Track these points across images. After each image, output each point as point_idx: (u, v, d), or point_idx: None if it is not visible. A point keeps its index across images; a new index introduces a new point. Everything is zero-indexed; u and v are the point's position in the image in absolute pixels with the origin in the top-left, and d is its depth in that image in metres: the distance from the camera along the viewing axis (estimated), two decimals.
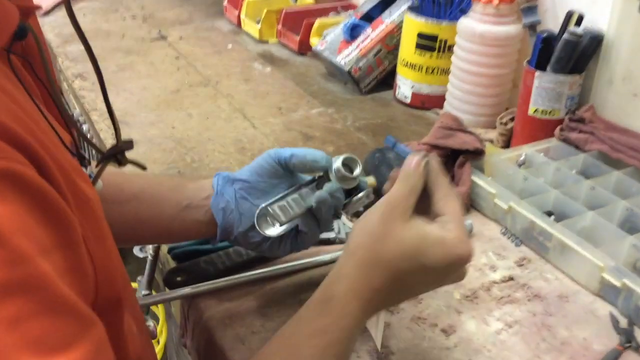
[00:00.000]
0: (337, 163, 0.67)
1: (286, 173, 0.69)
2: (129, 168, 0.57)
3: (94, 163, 0.54)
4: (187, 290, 0.76)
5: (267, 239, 0.68)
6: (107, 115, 0.55)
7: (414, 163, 0.55)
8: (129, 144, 0.54)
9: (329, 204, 0.66)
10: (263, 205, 0.67)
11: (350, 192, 0.69)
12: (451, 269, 0.54)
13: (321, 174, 0.69)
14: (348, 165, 0.67)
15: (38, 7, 0.49)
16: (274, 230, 0.67)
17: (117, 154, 0.53)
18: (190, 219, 0.70)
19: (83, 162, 0.51)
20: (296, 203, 0.67)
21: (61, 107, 0.48)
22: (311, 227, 0.68)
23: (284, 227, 0.67)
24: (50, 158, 0.37)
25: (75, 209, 0.39)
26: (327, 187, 0.67)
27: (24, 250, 0.33)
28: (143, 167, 0.59)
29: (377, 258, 0.54)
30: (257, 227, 0.66)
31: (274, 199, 0.67)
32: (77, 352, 0.35)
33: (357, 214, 0.65)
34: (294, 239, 0.70)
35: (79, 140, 0.51)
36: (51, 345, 0.34)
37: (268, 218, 0.67)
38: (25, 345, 0.32)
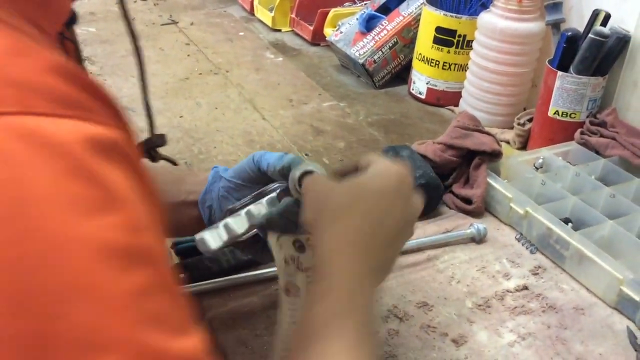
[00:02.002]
0: (296, 173, 0.55)
1: (268, 179, 0.63)
2: None
3: None
4: (189, 288, 0.73)
5: (257, 240, 0.63)
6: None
7: None
8: (162, 139, 0.51)
9: (278, 223, 0.56)
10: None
11: None
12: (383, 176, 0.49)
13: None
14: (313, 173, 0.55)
15: None
16: (216, 243, 0.59)
17: (151, 149, 0.50)
18: (186, 214, 0.66)
19: None
20: (248, 217, 0.59)
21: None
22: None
23: (225, 241, 0.60)
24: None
25: None
26: (284, 202, 0.56)
27: (140, 221, 0.30)
28: (175, 163, 0.56)
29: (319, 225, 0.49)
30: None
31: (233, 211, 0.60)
32: (195, 338, 0.30)
33: None
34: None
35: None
36: (171, 325, 0.30)
37: (216, 232, 0.59)
38: (150, 323, 0.28)
